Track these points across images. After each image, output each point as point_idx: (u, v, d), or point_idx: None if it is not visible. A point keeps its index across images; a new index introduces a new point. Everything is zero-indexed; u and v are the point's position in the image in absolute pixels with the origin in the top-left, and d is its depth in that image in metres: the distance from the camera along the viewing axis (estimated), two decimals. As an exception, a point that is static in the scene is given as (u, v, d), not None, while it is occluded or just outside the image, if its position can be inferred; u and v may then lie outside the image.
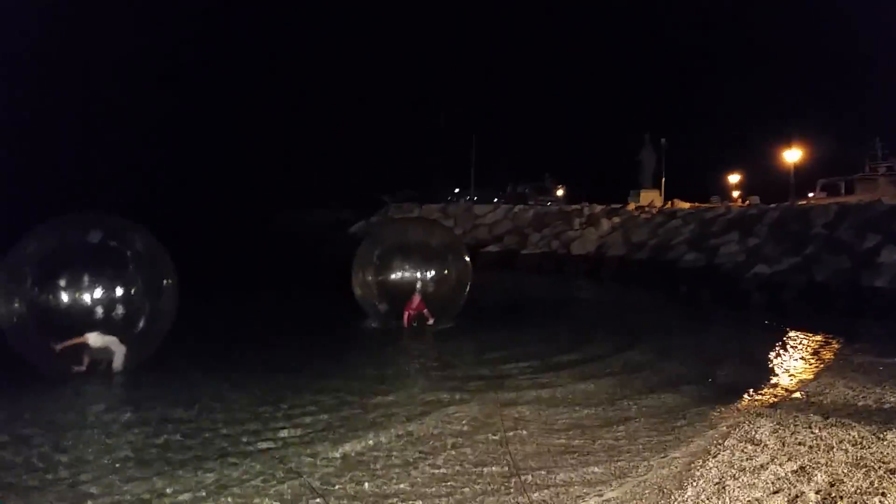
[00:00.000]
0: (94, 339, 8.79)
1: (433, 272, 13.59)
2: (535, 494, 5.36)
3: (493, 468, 5.98)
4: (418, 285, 13.27)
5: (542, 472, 5.84)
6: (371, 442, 6.60)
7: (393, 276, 13.54)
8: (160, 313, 9.46)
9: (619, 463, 6.10)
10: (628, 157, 46.73)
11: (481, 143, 62.91)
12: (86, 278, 8.87)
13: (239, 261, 30.57)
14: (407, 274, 13.50)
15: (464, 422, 7.32)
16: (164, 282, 9.58)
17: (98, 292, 8.93)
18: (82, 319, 8.77)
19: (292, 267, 28.79)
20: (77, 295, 8.86)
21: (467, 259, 14.21)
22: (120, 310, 9.00)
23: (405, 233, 14.72)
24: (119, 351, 8.98)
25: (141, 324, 9.22)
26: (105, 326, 8.87)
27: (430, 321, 13.00)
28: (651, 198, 40.90)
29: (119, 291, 9.03)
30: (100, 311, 8.88)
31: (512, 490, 5.48)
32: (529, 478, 5.73)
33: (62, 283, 8.82)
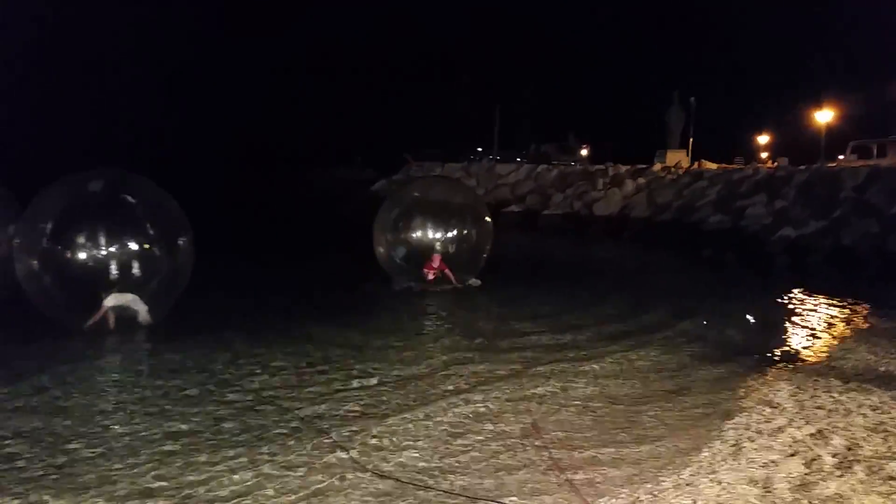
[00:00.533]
0: (112, 301, 8.92)
1: (454, 232, 13.49)
2: (556, 453, 5.44)
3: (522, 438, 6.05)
4: (438, 245, 13.21)
5: (561, 435, 5.91)
6: (406, 416, 6.29)
7: (413, 236, 13.49)
8: (176, 269, 9.58)
9: (635, 423, 6.16)
10: (655, 116, 45.95)
11: (504, 102, 62.28)
12: (101, 234, 9.00)
13: (264, 220, 30.81)
14: (428, 233, 13.47)
15: (492, 398, 7.31)
16: (180, 239, 9.67)
17: (113, 247, 9.07)
18: (98, 274, 8.94)
19: (317, 226, 28.92)
20: (93, 250, 9.00)
21: (488, 219, 14.05)
22: (135, 265, 9.13)
23: (426, 192, 14.54)
24: (141, 308, 9.13)
25: (157, 279, 9.34)
26: (121, 281, 9.01)
27: (456, 284, 12.83)
28: (678, 158, 40.22)
29: (134, 246, 9.17)
30: (115, 266, 9.02)
31: (533, 450, 5.56)
32: (553, 435, 5.81)
33: (79, 239, 8.96)
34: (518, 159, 53.52)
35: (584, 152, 60.59)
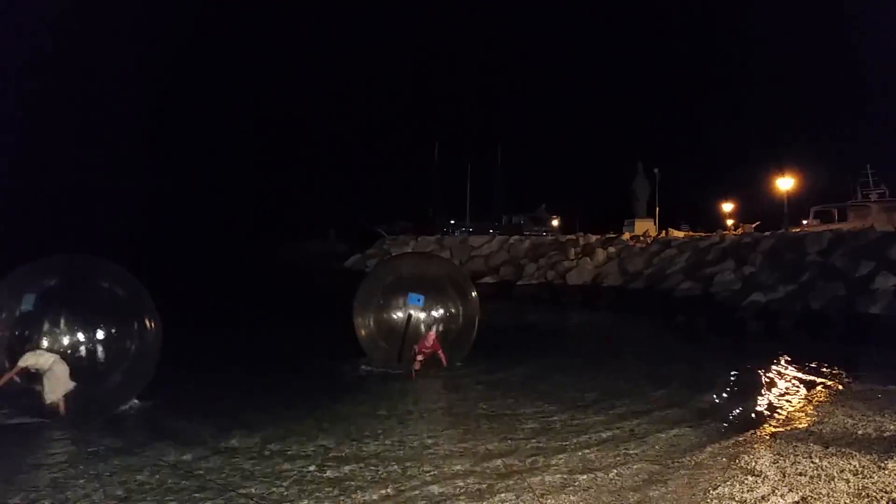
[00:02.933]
0: (29, 360, 8.32)
1: (441, 310, 12.64)
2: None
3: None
4: (434, 326, 12.28)
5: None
6: None
7: (398, 316, 12.56)
8: (143, 355, 9.32)
9: (619, 496, 6.04)
10: (622, 186, 47.06)
11: (476, 175, 63.43)
12: (62, 323, 8.78)
13: (237, 295, 30.51)
14: (413, 313, 12.46)
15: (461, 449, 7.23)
16: (147, 323, 9.47)
17: (76, 336, 8.82)
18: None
19: (291, 302, 28.69)
20: (55, 339, 8.71)
21: (475, 294, 13.44)
22: (100, 353, 8.90)
23: (409, 268, 13.75)
24: (57, 380, 8.45)
25: (123, 366, 9.08)
26: (87, 369, 8.71)
27: (444, 363, 12.11)
28: (646, 227, 41.08)
29: (99, 335, 8.94)
30: (81, 352, 8.77)
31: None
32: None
33: (42, 329, 8.68)
34: (491, 231, 54.15)
35: (555, 223, 61.58)
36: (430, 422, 8.92)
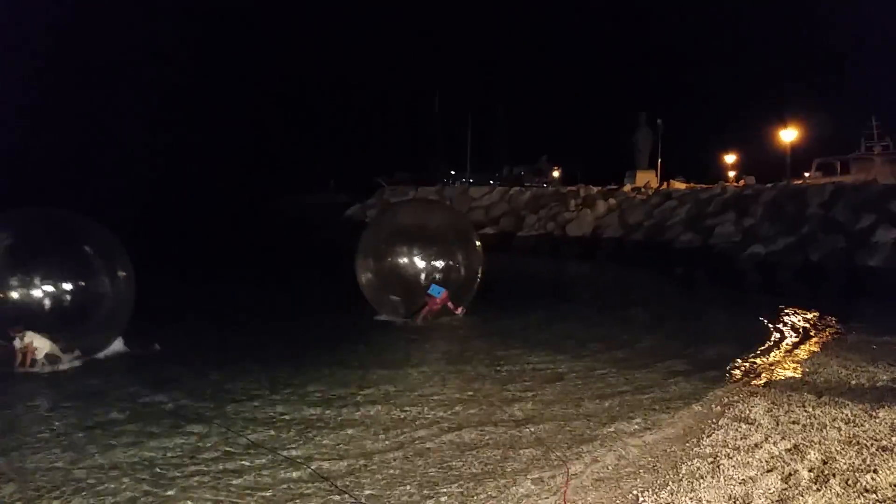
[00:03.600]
0: (32, 341, 8.56)
1: (443, 259, 12.40)
2: (535, 474, 5.42)
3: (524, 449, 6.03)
4: (436, 276, 12.11)
5: (541, 450, 5.89)
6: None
7: (401, 262, 12.37)
8: (116, 305, 9.39)
9: (614, 441, 6.15)
10: (624, 138, 46.63)
11: (477, 125, 62.82)
12: (35, 273, 8.85)
13: (238, 246, 30.58)
14: (416, 260, 12.32)
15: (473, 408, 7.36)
16: (119, 273, 9.49)
17: (48, 286, 8.90)
18: (34, 312, 8.74)
19: (292, 252, 28.78)
20: (27, 290, 8.83)
21: (478, 243, 13.24)
22: (71, 301, 8.99)
23: (410, 216, 13.51)
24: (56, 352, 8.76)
25: (96, 315, 9.17)
26: (58, 319, 8.81)
27: (458, 311, 12.04)
28: (647, 179, 40.86)
29: (69, 285, 9.01)
30: (49, 303, 8.86)
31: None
32: (530, 451, 5.78)
33: (13, 280, 8.79)
34: (491, 182, 53.91)
35: (556, 174, 61.23)
36: (432, 369, 9.02)
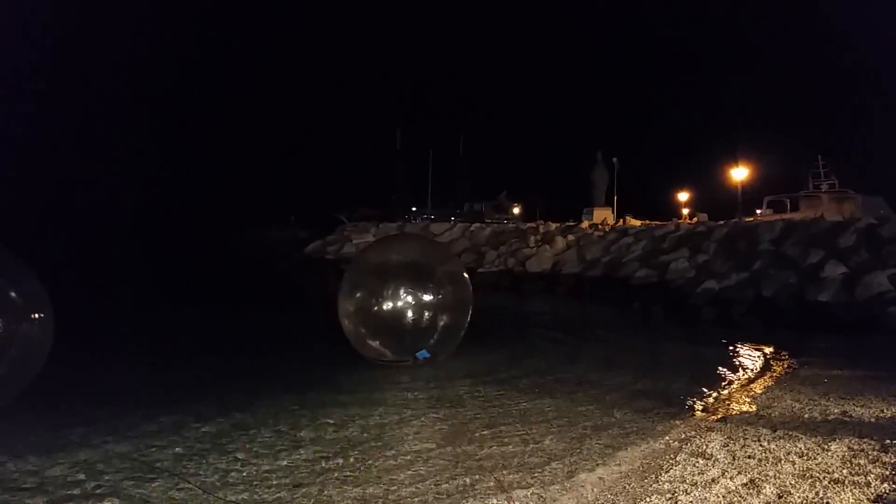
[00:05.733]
0: None
1: (430, 296, 11.50)
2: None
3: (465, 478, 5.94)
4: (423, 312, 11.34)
5: (492, 485, 5.81)
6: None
7: (388, 306, 11.33)
8: (29, 347, 8.60)
9: (571, 478, 6.11)
10: (582, 175, 47.52)
11: (438, 161, 63.39)
12: None
13: (194, 282, 30.04)
14: (401, 302, 11.33)
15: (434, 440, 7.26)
16: (34, 315, 8.73)
17: None
18: None
19: (252, 289, 28.38)
20: None
21: (466, 276, 12.63)
22: None
23: (396, 254, 12.50)
24: None
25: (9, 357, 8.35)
26: None
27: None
28: (604, 216, 41.60)
29: None
30: None
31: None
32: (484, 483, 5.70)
33: None
34: (452, 218, 54.22)
35: (516, 210, 61.92)
36: (398, 406, 8.88)
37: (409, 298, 11.37)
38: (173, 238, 57.97)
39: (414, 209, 65.86)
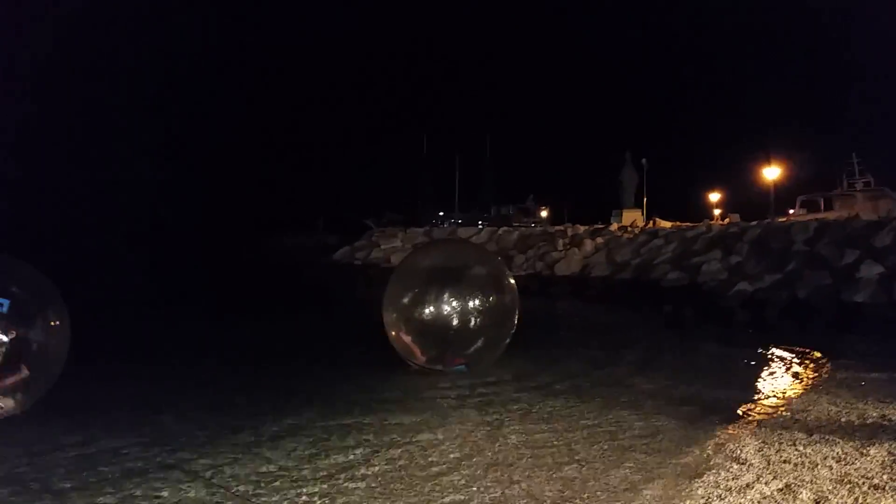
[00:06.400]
0: None
1: (476, 303, 11.34)
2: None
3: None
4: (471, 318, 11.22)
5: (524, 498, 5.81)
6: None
7: (430, 312, 11.21)
8: (47, 354, 8.77)
9: (604, 483, 6.09)
10: (610, 177, 47.23)
11: (465, 166, 63.50)
12: None
13: (223, 287, 30.44)
14: (446, 308, 11.18)
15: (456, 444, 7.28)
16: (52, 322, 8.92)
17: None
18: None
19: (284, 296, 28.68)
20: None
21: (513, 281, 12.50)
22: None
23: (441, 259, 12.34)
24: None
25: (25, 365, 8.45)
26: None
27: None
28: (633, 217, 41.28)
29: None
30: None
31: None
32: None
33: None
34: (479, 223, 54.25)
35: (543, 213, 61.74)
36: (434, 412, 8.90)
37: (455, 304, 11.24)
38: (202, 246, 58.83)
39: (441, 213, 66.04)
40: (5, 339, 8.38)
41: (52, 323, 8.97)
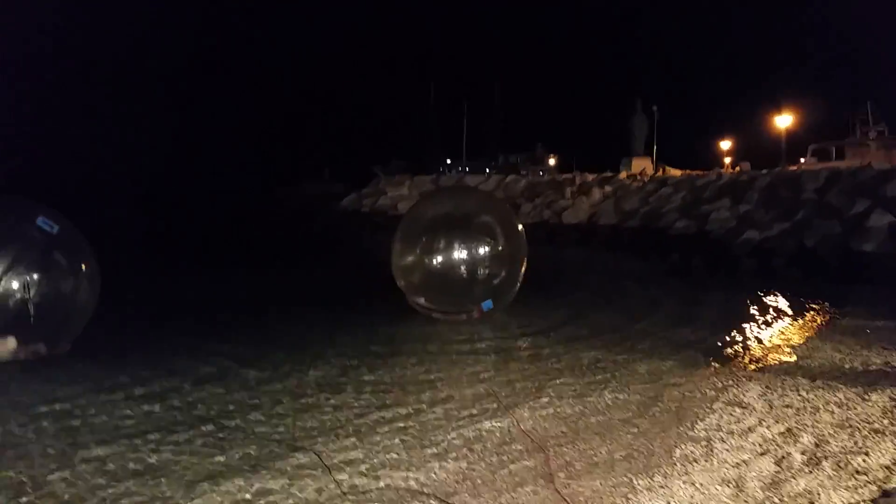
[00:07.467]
0: None
1: (485, 249, 11.38)
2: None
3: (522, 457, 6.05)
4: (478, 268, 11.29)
5: (533, 440, 5.91)
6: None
7: (439, 260, 11.30)
8: (76, 298, 9.00)
9: (607, 426, 6.18)
10: (620, 124, 46.62)
11: (472, 113, 62.70)
12: None
13: (233, 238, 30.57)
14: (456, 256, 11.26)
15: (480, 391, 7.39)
16: (81, 266, 9.11)
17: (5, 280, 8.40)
18: None
19: (292, 243, 28.80)
20: None
21: (521, 228, 12.46)
22: (31, 296, 8.48)
23: (447, 206, 12.31)
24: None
25: (55, 310, 8.72)
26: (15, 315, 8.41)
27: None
28: (642, 166, 40.87)
29: (24, 279, 8.50)
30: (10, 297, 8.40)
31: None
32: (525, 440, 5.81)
33: None
34: (487, 170, 53.87)
35: (552, 162, 61.19)
36: (421, 357, 9.02)
37: (464, 252, 11.27)
38: (211, 191, 58.83)
39: (448, 161, 65.56)
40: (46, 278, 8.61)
41: (83, 266, 9.16)
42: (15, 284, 8.49)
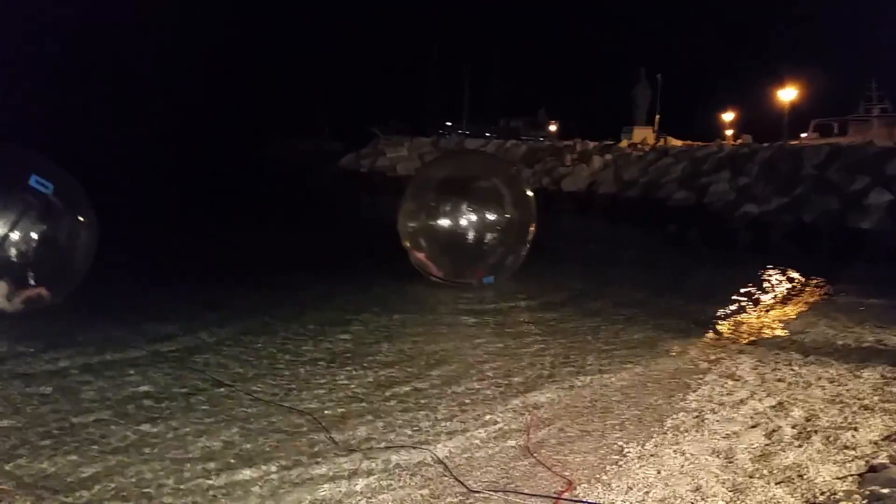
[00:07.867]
0: None
1: (496, 215, 11.26)
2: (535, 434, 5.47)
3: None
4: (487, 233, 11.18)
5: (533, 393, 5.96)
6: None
7: (447, 224, 11.17)
8: (74, 250, 8.92)
9: (599, 396, 6.22)
10: (623, 92, 46.21)
11: (474, 76, 62.00)
12: None
13: (231, 194, 30.40)
14: (464, 221, 11.12)
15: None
16: (78, 218, 9.00)
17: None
18: None
19: (297, 203, 28.64)
20: None
21: (531, 194, 12.37)
22: (27, 249, 8.41)
23: (455, 170, 12.17)
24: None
25: (53, 262, 8.66)
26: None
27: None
28: (644, 135, 40.63)
29: (24, 231, 8.41)
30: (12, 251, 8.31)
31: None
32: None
33: None
34: (487, 134, 53.48)
35: (552, 128, 60.73)
36: (418, 326, 9.04)
37: (472, 217, 11.09)
38: (212, 150, 58.26)
39: (448, 124, 64.99)
40: (43, 227, 8.51)
41: (81, 218, 9.04)
42: (9, 236, 8.40)
